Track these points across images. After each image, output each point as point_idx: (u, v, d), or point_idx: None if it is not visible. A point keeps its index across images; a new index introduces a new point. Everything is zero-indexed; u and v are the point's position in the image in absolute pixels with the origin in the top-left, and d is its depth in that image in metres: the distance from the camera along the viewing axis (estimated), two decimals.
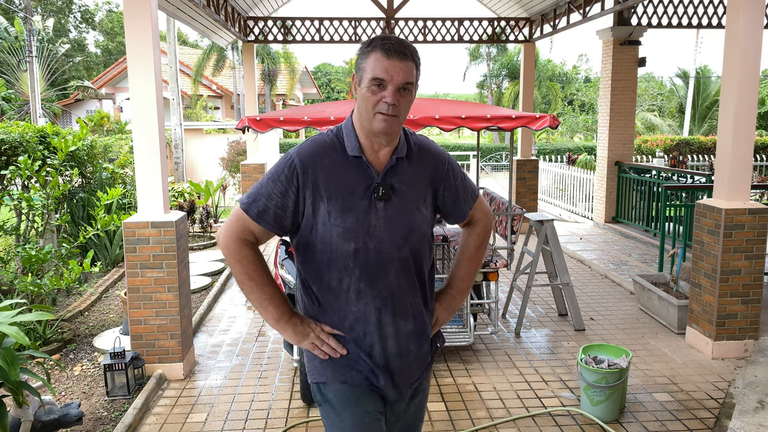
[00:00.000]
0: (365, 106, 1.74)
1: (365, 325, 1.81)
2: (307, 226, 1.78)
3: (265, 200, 1.76)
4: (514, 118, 4.37)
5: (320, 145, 1.80)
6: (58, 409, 3.32)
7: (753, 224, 4.43)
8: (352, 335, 1.82)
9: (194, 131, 15.04)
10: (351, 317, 1.81)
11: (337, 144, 1.80)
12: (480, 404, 3.90)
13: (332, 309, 1.82)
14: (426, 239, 1.88)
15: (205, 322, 5.56)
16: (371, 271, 1.78)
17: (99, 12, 39.83)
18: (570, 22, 8.60)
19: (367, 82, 1.71)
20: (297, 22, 9.62)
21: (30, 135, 6.03)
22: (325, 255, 1.78)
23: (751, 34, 4.27)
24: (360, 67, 1.75)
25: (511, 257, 4.92)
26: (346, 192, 1.76)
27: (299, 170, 1.75)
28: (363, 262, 1.77)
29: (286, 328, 1.83)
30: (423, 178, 1.88)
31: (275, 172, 1.78)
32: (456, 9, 29.82)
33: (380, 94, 1.71)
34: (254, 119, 4.33)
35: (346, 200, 1.75)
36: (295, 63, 25.92)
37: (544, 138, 28.87)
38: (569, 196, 12.30)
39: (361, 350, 1.83)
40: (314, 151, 1.78)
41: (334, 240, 1.75)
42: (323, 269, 1.80)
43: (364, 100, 1.73)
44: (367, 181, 1.78)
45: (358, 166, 1.79)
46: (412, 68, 1.73)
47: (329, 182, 1.75)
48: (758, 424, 3.53)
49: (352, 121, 1.84)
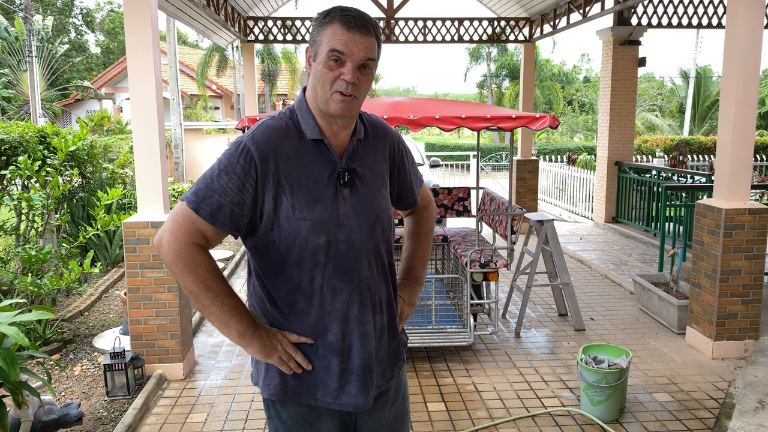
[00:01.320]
0: (321, 84, 1.55)
1: (344, 324, 1.63)
2: (267, 223, 1.57)
3: (218, 197, 1.52)
4: (514, 118, 4.37)
5: (276, 129, 1.59)
6: (58, 409, 3.32)
7: (753, 224, 4.43)
8: (328, 339, 1.63)
9: (194, 131, 15.06)
10: (327, 318, 1.62)
11: (293, 127, 1.61)
12: (480, 404, 3.90)
13: (303, 313, 1.62)
14: (392, 226, 1.74)
15: (205, 322, 5.56)
16: (344, 265, 1.61)
17: (100, 11, 39.87)
18: (570, 22, 8.61)
19: (324, 56, 1.53)
20: (297, 21, 9.63)
21: (30, 135, 6.03)
22: (292, 254, 1.58)
23: (751, 34, 4.27)
24: (315, 39, 1.56)
25: (511, 257, 4.92)
26: (309, 181, 1.58)
27: (257, 160, 1.53)
28: (335, 256, 1.60)
29: (252, 343, 1.60)
30: (381, 160, 1.74)
31: (227, 163, 1.54)
32: (456, 9, 29.75)
33: (338, 71, 1.53)
34: (254, 119, 4.33)
35: (311, 190, 1.57)
36: (296, 63, 25.93)
37: (544, 138, 28.87)
38: (569, 196, 12.30)
39: (335, 355, 1.63)
40: (271, 136, 1.57)
41: (302, 235, 1.56)
42: (290, 270, 1.60)
43: (320, 77, 1.55)
44: (329, 167, 1.61)
45: (319, 151, 1.61)
46: (373, 44, 1.56)
47: (290, 171, 1.57)
48: (758, 424, 3.53)
49: (305, 100, 1.64)
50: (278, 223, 1.56)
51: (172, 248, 1.53)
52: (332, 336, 1.63)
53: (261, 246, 1.61)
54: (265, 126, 1.60)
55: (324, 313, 1.62)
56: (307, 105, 1.63)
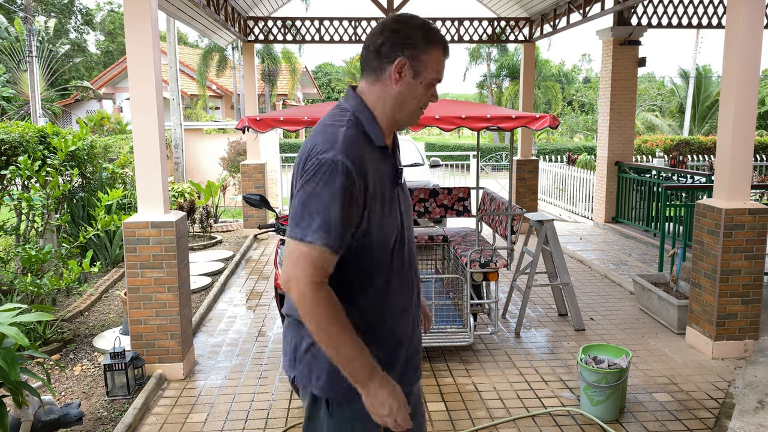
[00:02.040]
0: (412, 100, 1.65)
1: (407, 318, 1.74)
2: (361, 231, 1.59)
3: (342, 229, 1.52)
4: (514, 118, 4.37)
5: (359, 140, 1.60)
6: (58, 409, 3.32)
7: (753, 224, 4.43)
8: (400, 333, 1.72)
9: (194, 131, 15.04)
10: (396, 314, 1.70)
11: (363, 135, 1.64)
12: (480, 404, 3.90)
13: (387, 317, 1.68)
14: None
15: (205, 322, 5.56)
16: (407, 261, 1.72)
17: (100, 12, 39.85)
18: (570, 22, 8.61)
19: (428, 81, 1.64)
20: (297, 22, 9.63)
21: (30, 135, 6.03)
22: (379, 257, 1.63)
23: (751, 34, 4.27)
24: (420, 58, 1.62)
25: (511, 257, 4.92)
26: (385, 185, 1.64)
27: (356, 176, 1.53)
28: (401, 254, 1.69)
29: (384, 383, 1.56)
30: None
31: (340, 192, 1.50)
32: (456, 9, 29.75)
33: (430, 92, 1.68)
34: (254, 119, 4.33)
35: (386, 193, 1.64)
36: (296, 63, 25.93)
37: (544, 138, 28.88)
38: (569, 196, 12.30)
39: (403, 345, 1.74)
40: (358, 149, 1.57)
41: (387, 237, 1.63)
42: (374, 273, 1.64)
43: (416, 95, 1.65)
44: (391, 169, 1.69)
45: (383, 155, 1.67)
46: None
47: (375, 178, 1.60)
48: (758, 424, 3.53)
49: (367, 108, 1.67)
50: (370, 229, 1.60)
51: (307, 292, 1.50)
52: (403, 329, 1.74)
53: (353, 253, 1.61)
54: (348, 139, 1.58)
55: (396, 310, 1.71)
56: (370, 113, 1.66)
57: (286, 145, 24.30)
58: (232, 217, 11.28)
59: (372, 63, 1.65)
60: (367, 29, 9.59)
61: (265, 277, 7.09)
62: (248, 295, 6.39)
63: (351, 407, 1.67)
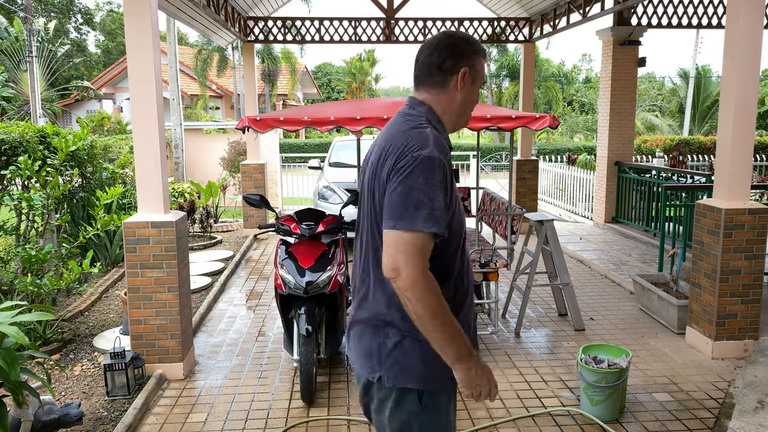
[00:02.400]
0: (469, 104, 1.87)
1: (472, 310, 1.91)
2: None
3: (443, 212, 1.66)
4: (514, 118, 4.37)
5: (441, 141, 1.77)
6: (58, 409, 3.32)
7: (753, 224, 4.43)
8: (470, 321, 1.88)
9: (194, 131, 15.04)
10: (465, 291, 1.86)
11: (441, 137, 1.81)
12: (480, 404, 3.90)
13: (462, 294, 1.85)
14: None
15: (205, 322, 5.56)
16: (467, 259, 1.88)
17: (100, 12, 39.85)
18: (570, 22, 8.61)
19: (479, 84, 1.87)
20: (297, 22, 9.63)
21: (30, 135, 6.03)
22: (454, 240, 1.79)
23: (751, 34, 4.27)
24: (475, 67, 1.84)
25: (511, 257, 4.92)
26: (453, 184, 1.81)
27: (447, 171, 1.72)
28: (464, 250, 1.85)
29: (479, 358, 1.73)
30: None
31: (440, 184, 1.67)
32: (456, 9, 29.75)
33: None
34: (254, 119, 4.33)
35: (454, 191, 1.80)
36: (296, 63, 25.93)
37: (544, 138, 28.88)
38: (569, 196, 12.31)
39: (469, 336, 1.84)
40: (444, 148, 1.75)
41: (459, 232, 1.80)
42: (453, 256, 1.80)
43: (473, 99, 1.87)
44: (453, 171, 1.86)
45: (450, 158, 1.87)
46: None
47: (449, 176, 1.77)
48: (758, 424, 3.53)
49: (436, 114, 1.86)
50: (452, 221, 1.75)
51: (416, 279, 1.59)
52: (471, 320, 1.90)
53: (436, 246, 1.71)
54: (437, 138, 1.74)
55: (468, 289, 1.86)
56: (438, 118, 1.85)
57: (286, 145, 24.31)
58: (232, 217, 11.28)
59: (436, 76, 1.83)
60: (366, 29, 9.60)
61: (265, 277, 7.09)
62: (248, 295, 6.39)
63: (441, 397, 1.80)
